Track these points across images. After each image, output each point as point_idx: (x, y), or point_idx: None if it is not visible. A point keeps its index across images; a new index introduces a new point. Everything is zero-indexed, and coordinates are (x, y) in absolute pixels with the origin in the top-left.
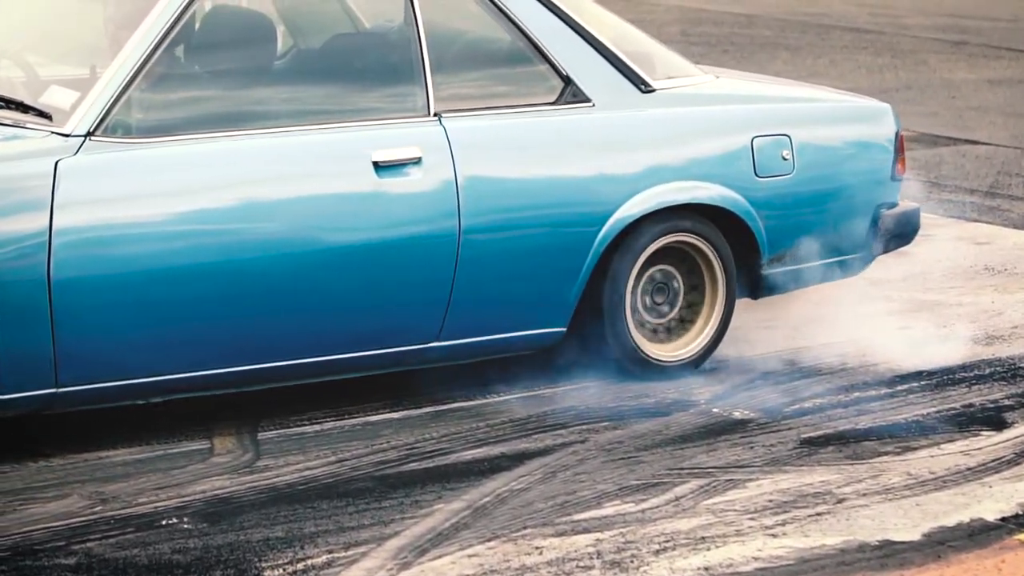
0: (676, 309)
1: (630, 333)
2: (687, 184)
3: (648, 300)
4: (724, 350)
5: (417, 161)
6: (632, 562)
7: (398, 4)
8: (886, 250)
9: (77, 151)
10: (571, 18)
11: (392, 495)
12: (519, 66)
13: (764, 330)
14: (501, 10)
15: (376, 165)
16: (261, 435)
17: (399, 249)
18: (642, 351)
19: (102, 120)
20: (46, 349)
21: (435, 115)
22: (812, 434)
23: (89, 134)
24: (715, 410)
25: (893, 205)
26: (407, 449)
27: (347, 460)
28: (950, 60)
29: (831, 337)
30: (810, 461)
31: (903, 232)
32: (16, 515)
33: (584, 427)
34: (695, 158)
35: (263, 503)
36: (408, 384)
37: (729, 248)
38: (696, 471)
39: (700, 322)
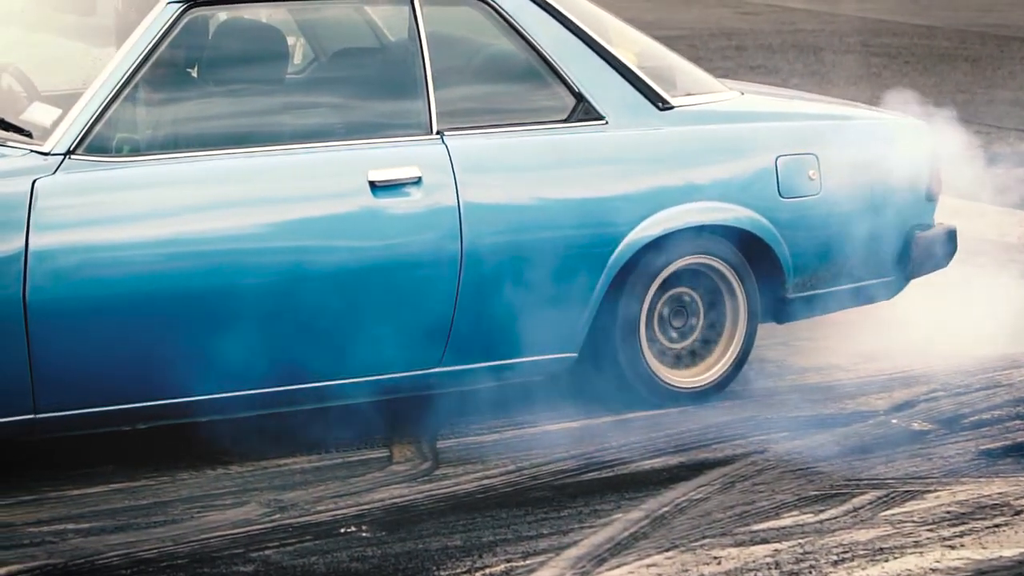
0: (695, 334)
1: (645, 358)
2: (705, 205)
3: (666, 324)
4: (902, 361)
5: (416, 181)
6: (810, 573)
7: (401, 17)
8: (921, 273)
9: (56, 170)
10: (585, 32)
11: (570, 504)
12: (528, 82)
13: (942, 341)
14: (510, 23)
15: (373, 185)
16: (440, 444)
17: (396, 272)
18: (658, 377)
19: (83, 138)
20: (23, 374)
21: (437, 133)
22: (990, 446)
23: (69, 152)
24: (893, 421)
25: (928, 226)
26: (586, 458)
27: (526, 469)
28: None
29: (1009, 348)
30: (988, 472)
31: (939, 254)
32: (194, 522)
33: (763, 437)
34: (714, 178)
35: (441, 511)
36: (587, 393)
37: (751, 271)
38: (874, 482)
39: (720, 347)
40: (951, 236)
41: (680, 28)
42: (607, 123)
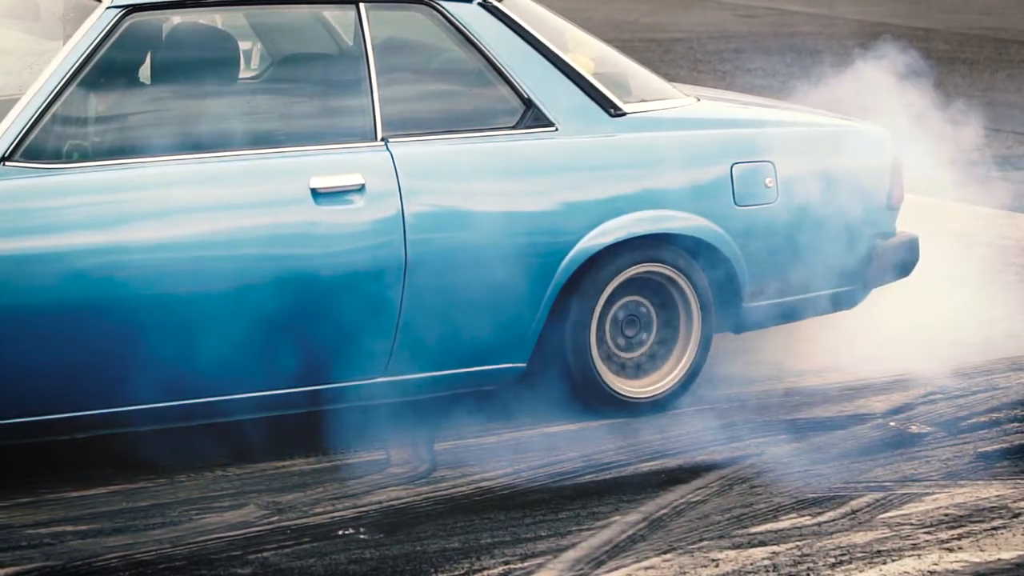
0: (648, 343)
1: (595, 368)
2: (656, 213)
3: (617, 333)
4: (900, 364)
5: (360, 188)
6: (808, 575)
7: (348, 22)
8: (882, 282)
9: None
10: (535, 37)
11: (569, 507)
12: (476, 88)
13: (940, 344)
14: (458, 28)
15: (315, 192)
16: (438, 446)
17: (338, 280)
18: (609, 387)
19: (18, 145)
20: None
21: (382, 140)
22: (988, 448)
23: (4, 158)
24: (892, 424)
25: (890, 234)
26: (584, 461)
27: (523, 472)
28: None
29: (1007, 351)
30: (986, 475)
31: (901, 263)
32: (192, 524)
33: (761, 440)
34: (666, 186)
35: (439, 514)
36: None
37: (706, 280)
38: (872, 484)
39: (673, 357)
40: (913, 245)
41: (680, 31)
42: (557, 130)
